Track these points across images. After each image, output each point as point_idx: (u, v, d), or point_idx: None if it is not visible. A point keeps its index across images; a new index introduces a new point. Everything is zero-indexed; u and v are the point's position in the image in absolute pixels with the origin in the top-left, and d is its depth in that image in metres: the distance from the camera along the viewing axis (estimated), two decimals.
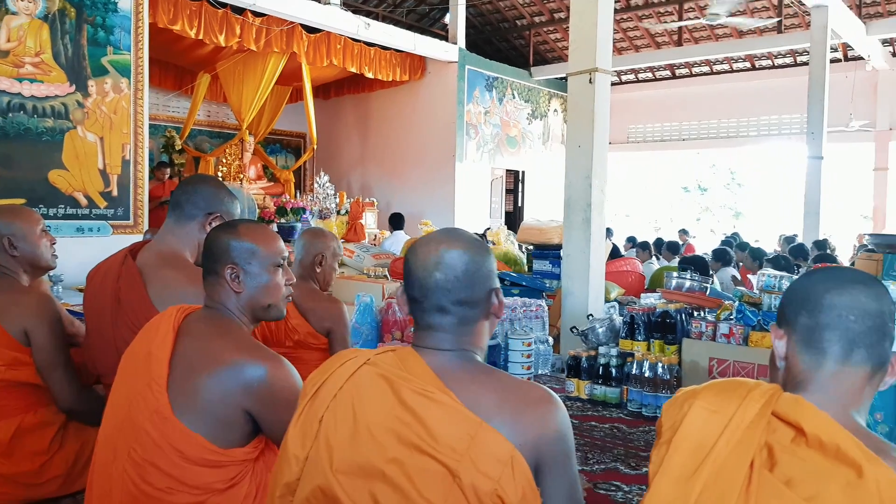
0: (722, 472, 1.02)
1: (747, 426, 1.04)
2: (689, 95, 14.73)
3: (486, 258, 1.35)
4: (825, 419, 1.02)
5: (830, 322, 1.11)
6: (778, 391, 1.09)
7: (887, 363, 1.11)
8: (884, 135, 12.94)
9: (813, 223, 9.38)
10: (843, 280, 1.12)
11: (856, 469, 0.95)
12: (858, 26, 10.74)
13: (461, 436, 1.16)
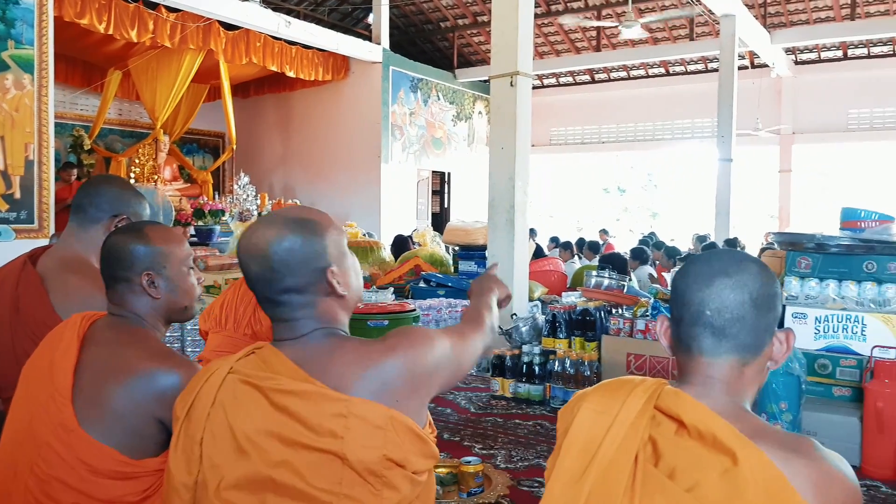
0: (608, 472, 1.03)
1: (631, 423, 1.05)
2: (607, 99, 15.16)
3: (309, 239, 1.28)
4: (702, 410, 1.03)
5: (692, 317, 1.12)
6: (661, 386, 1.10)
7: (761, 348, 1.11)
8: (788, 138, 13.68)
9: (724, 222, 9.81)
10: (707, 274, 1.12)
11: (731, 456, 0.97)
12: (763, 35, 11.32)
13: (335, 419, 1.16)
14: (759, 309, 1.09)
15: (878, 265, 3.70)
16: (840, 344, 3.69)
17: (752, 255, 1.17)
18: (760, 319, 1.09)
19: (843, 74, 13.09)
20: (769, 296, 1.10)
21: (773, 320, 1.11)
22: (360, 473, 1.15)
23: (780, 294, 1.14)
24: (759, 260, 1.14)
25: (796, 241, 3.90)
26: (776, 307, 1.12)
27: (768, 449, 0.98)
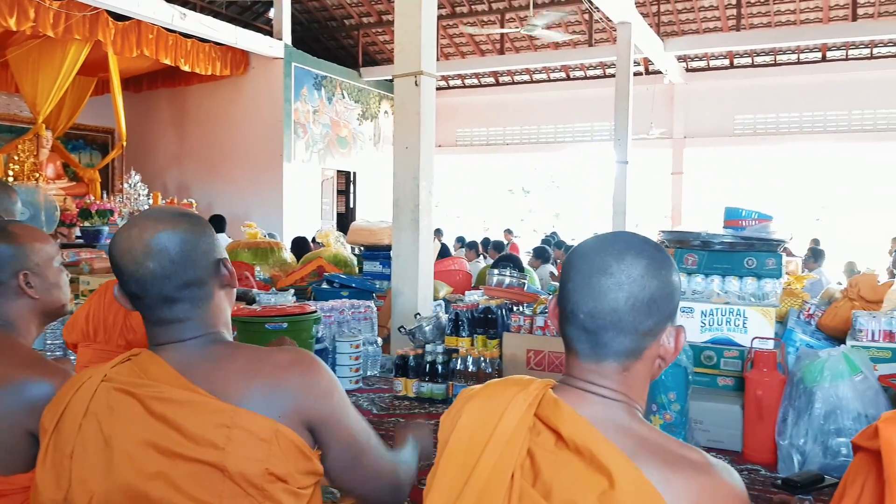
0: (484, 494, 0.97)
1: (509, 437, 0.99)
2: (511, 102, 15.46)
3: (200, 231, 1.26)
4: (580, 423, 0.98)
5: (567, 317, 1.06)
6: (544, 391, 1.03)
7: (642, 351, 1.04)
8: (679, 142, 14.40)
9: (620, 222, 10.20)
10: (585, 271, 1.04)
11: (608, 477, 0.92)
12: (657, 43, 11.85)
13: (218, 430, 1.12)
14: (637, 312, 1.01)
15: (757, 261, 3.94)
16: (724, 336, 3.89)
17: (645, 243, 1.05)
18: (641, 323, 1.01)
19: (730, 82, 13.92)
20: (654, 297, 1.01)
21: (661, 321, 1.04)
22: (240, 486, 1.11)
23: (672, 289, 1.05)
24: (652, 252, 1.04)
25: (683, 239, 4.08)
26: (662, 307, 1.03)
27: (649, 467, 0.93)
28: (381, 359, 4.65)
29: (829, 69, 13.20)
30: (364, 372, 4.41)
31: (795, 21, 11.98)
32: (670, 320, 1.06)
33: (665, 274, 1.04)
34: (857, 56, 13.01)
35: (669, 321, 1.06)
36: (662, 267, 1.04)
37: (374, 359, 4.54)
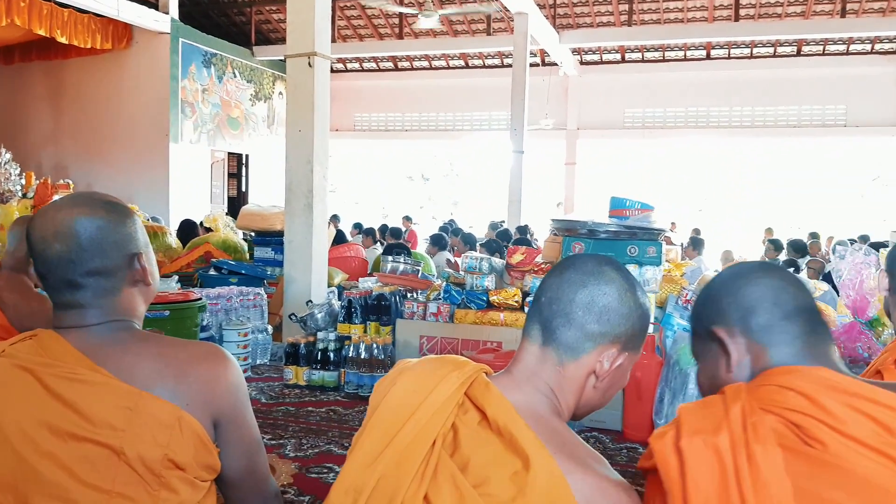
0: (403, 456, 1.01)
1: (437, 408, 1.02)
2: (410, 88, 15.42)
3: (120, 221, 1.22)
4: (506, 406, 1.02)
5: (533, 306, 1.14)
6: (478, 373, 1.08)
7: (580, 353, 1.09)
8: (573, 134, 14.86)
9: (516, 210, 10.41)
10: (562, 267, 1.14)
11: (523, 459, 0.97)
12: (553, 35, 12.13)
13: (118, 411, 1.09)
14: (589, 312, 1.08)
15: (639, 249, 4.10)
16: None
17: (626, 272, 1.13)
18: (588, 323, 1.07)
19: (621, 76, 14.47)
20: (605, 307, 1.07)
21: (607, 332, 1.08)
22: (136, 471, 1.08)
23: (629, 311, 1.10)
24: (627, 277, 1.12)
25: (571, 228, 4.20)
26: (613, 321, 1.08)
27: (560, 459, 0.98)
28: (271, 347, 4.53)
29: (713, 67, 13.98)
30: (253, 360, 4.28)
31: (683, 19, 12.57)
32: (618, 342, 1.10)
33: (629, 299, 1.10)
34: (738, 55, 13.85)
35: (618, 343, 1.10)
36: (629, 291, 1.11)
37: (263, 347, 4.42)
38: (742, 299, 1.07)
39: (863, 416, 0.91)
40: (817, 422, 0.92)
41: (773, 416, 0.95)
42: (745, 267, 1.11)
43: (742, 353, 1.07)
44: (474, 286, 4.23)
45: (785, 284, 1.06)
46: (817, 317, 1.05)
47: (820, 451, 0.90)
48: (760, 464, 0.90)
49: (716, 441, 0.94)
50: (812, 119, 13.81)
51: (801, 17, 12.11)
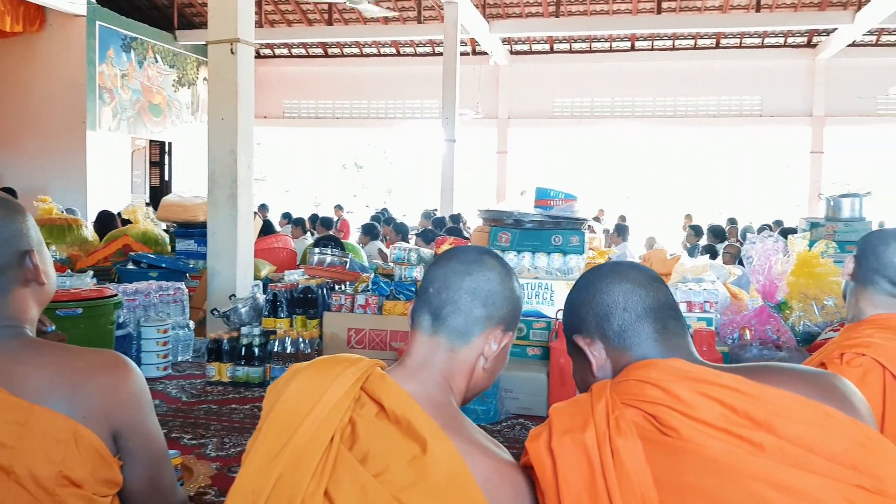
0: (302, 453, 1.01)
1: (334, 404, 1.04)
2: (341, 75, 15.20)
3: (8, 217, 1.17)
4: (402, 395, 1.05)
5: (421, 296, 1.16)
6: (373, 368, 1.10)
7: (470, 337, 1.13)
8: (504, 122, 14.98)
9: (448, 199, 10.44)
10: (445, 258, 1.18)
11: (421, 444, 0.99)
12: (483, 24, 12.17)
13: (8, 427, 1.04)
14: (475, 298, 1.12)
15: (563, 238, 4.19)
16: (534, 309, 4.11)
17: (504, 262, 1.21)
18: (475, 308, 1.12)
19: (550, 66, 14.66)
20: (490, 292, 1.12)
21: (492, 316, 1.13)
22: (28, 489, 1.04)
23: (509, 296, 1.16)
24: (505, 267, 1.18)
25: (497, 218, 4.25)
26: (497, 305, 1.13)
27: (456, 441, 1.01)
28: (193, 343, 4.41)
29: (637, 58, 14.32)
30: (174, 357, 4.16)
31: (608, 11, 12.82)
32: (502, 324, 1.16)
33: (508, 283, 1.17)
34: (661, 47, 14.23)
35: (501, 324, 1.16)
36: (509, 278, 1.18)
37: (185, 343, 4.30)
38: (596, 308, 1.14)
39: (710, 400, 0.97)
40: (671, 410, 0.97)
41: (633, 409, 1.00)
42: (599, 274, 1.17)
43: (601, 358, 1.14)
44: (403, 277, 4.22)
45: (634, 287, 1.12)
46: (668, 312, 1.12)
47: (674, 438, 0.96)
48: (623, 456, 0.96)
49: (583, 438, 0.99)
50: (730, 109, 14.35)
51: (720, 10, 12.54)
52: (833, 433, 0.92)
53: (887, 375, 1.43)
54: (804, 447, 0.91)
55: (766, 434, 0.92)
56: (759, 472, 0.90)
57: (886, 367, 1.44)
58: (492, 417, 3.63)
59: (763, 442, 0.92)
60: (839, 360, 1.52)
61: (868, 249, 1.64)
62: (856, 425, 0.93)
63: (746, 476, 0.91)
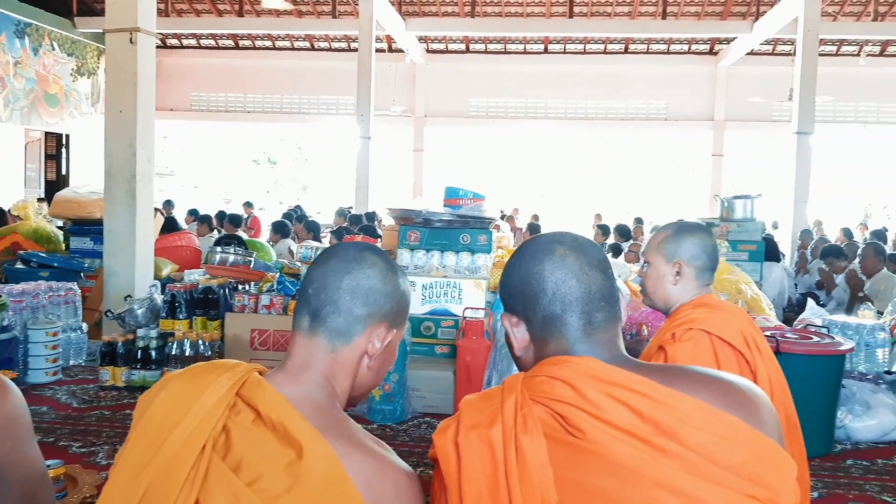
0: (172, 464, 0.97)
1: (207, 412, 1.00)
2: (252, 68, 14.80)
3: None
4: (278, 400, 1.02)
5: (300, 297, 1.13)
6: (250, 373, 1.06)
7: (351, 337, 1.10)
8: (420, 121, 15.00)
9: (363, 197, 10.36)
10: (325, 256, 1.14)
11: (297, 449, 0.97)
12: (399, 22, 12.13)
13: None
14: (355, 296, 1.09)
15: (471, 238, 4.23)
16: (442, 307, 4.14)
17: (385, 256, 1.17)
18: (356, 307, 1.09)
19: (466, 66, 14.79)
20: (370, 289, 1.10)
21: (374, 314, 1.11)
22: None
23: (392, 291, 1.13)
24: (388, 262, 1.15)
25: (407, 217, 4.24)
26: (379, 302, 1.11)
27: (336, 444, 0.98)
28: (87, 346, 4.20)
29: (550, 60, 14.65)
30: (65, 362, 3.95)
31: (522, 14, 13.05)
32: (386, 321, 1.13)
33: (393, 278, 1.14)
34: (573, 51, 14.60)
35: (385, 321, 1.13)
36: (392, 273, 1.14)
37: (77, 347, 4.09)
38: (525, 291, 1.09)
39: (619, 403, 0.96)
40: (579, 410, 0.96)
41: (541, 407, 0.99)
42: (537, 252, 1.11)
43: (524, 340, 1.11)
44: None
45: (566, 276, 1.07)
46: (597, 304, 1.08)
47: (580, 438, 0.95)
48: (526, 454, 0.95)
49: (490, 434, 0.97)
50: (638, 112, 14.90)
51: (628, 17, 12.99)
52: (734, 444, 0.93)
53: (714, 339, 1.65)
54: (704, 456, 0.92)
55: (669, 440, 0.93)
56: (660, 477, 0.91)
57: (712, 332, 1.66)
58: (398, 417, 3.63)
59: (666, 448, 0.93)
60: (672, 339, 1.67)
61: (673, 244, 1.82)
62: (757, 437, 0.94)
63: (647, 480, 0.91)
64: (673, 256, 1.80)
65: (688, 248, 1.80)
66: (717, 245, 1.87)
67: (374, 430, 3.56)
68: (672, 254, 1.81)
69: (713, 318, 1.70)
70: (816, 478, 3.09)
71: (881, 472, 3.19)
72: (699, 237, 1.82)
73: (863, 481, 3.07)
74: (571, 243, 1.11)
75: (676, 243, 1.81)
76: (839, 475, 3.14)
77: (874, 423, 3.51)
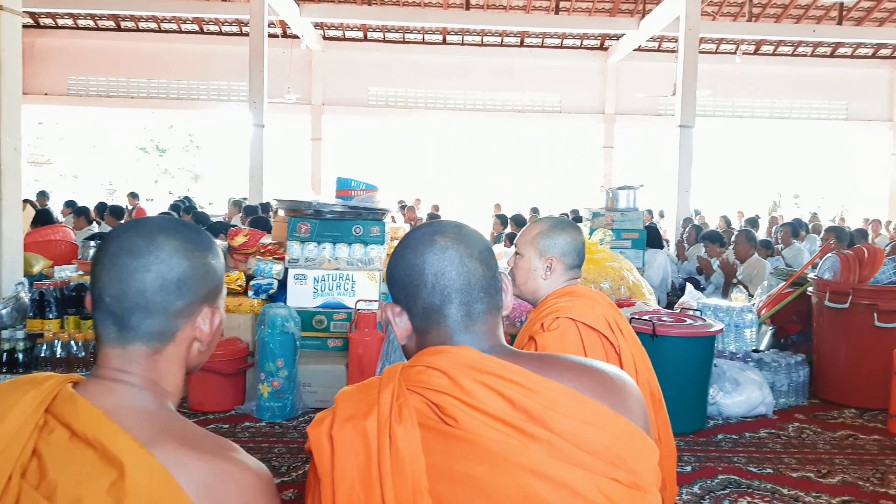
0: None
1: (12, 437, 0.90)
2: (136, 51, 14.01)
3: None
4: (94, 415, 0.93)
5: (98, 306, 1.01)
6: (60, 387, 0.96)
7: (175, 333, 1.02)
8: (318, 109, 14.72)
9: (257, 187, 10.05)
10: (114, 255, 1.00)
11: (118, 468, 0.89)
12: (293, 7, 11.80)
13: None
14: (166, 293, 0.98)
15: (364, 229, 4.19)
16: (335, 300, 4.08)
17: (180, 225, 1.05)
18: (171, 304, 0.99)
19: (364, 54, 14.63)
20: (181, 280, 1.00)
21: (194, 302, 1.02)
22: None
23: (206, 271, 1.03)
24: (186, 234, 1.03)
25: (296, 208, 4.15)
26: (195, 288, 1.01)
27: (166, 451, 0.91)
28: None
29: (449, 51, 14.73)
30: None
31: (420, 3, 13.01)
32: (207, 302, 1.05)
33: (199, 255, 1.03)
34: (471, 42, 14.73)
35: (206, 303, 1.04)
36: (197, 248, 1.03)
37: None
38: (407, 281, 1.08)
39: (492, 392, 0.98)
40: (453, 399, 0.97)
41: (417, 396, 0.98)
42: (419, 244, 1.09)
43: (406, 329, 1.10)
44: None
45: (444, 267, 1.07)
46: (477, 294, 1.08)
47: (453, 427, 0.96)
48: (400, 445, 0.94)
49: (365, 425, 0.96)
50: (534, 104, 15.26)
51: (523, 10, 13.23)
52: (599, 429, 0.96)
53: (580, 326, 1.73)
54: (571, 441, 0.95)
55: (538, 427, 0.95)
56: (528, 463, 0.93)
57: (577, 319, 1.73)
58: (288, 413, 3.56)
59: (535, 434, 0.95)
60: (541, 329, 1.74)
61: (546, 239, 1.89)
62: (622, 423, 0.98)
63: (516, 466, 0.93)
64: (546, 252, 1.86)
65: (560, 245, 1.86)
66: (585, 242, 1.95)
67: (263, 428, 3.48)
68: (545, 249, 1.86)
69: (577, 305, 1.77)
70: (690, 452, 3.28)
71: (748, 444, 3.43)
72: (571, 235, 1.89)
73: (731, 454, 3.29)
74: (453, 234, 1.10)
75: (550, 239, 1.87)
76: (710, 449, 3.35)
77: (742, 398, 3.77)
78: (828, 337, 4.24)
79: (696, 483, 2.94)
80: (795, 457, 3.26)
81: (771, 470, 3.09)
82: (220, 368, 3.65)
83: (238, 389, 3.78)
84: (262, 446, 3.27)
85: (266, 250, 4.23)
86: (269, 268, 4.06)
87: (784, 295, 4.73)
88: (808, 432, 3.61)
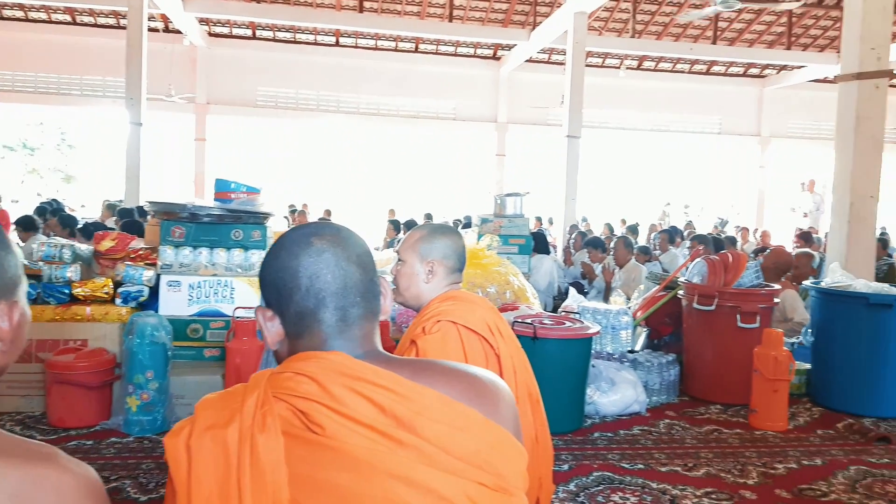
0: None
1: None
2: (2, 40, 12.96)
3: None
4: None
5: None
6: None
7: None
8: (202, 108, 14.13)
9: (134, 189, 9.48)
10: None
11: None
12: (176, 1, 11.26)
13: None
14: None
15: (244, 233, 4.03)
16: (212, 308, 3.90)
17: None
18: None
19: (253, 53, 14.20)
20: None
21: None
22: None
23: None
24: None
25: (170, 211, 3.94)
26: None
27: None
28: None
29: (342, 54, 14.56)
30: None
31: (312, 3, 12.77)
32: (1, 298, 0.94)
33: None
34: (365, 46, 14.63)
35: (2, 298, 0.94)
36: None
37: None
38: (280, 284, 1.04)
39: (362, 398, 0.95)
40: (321, 406, 0.94)
41: (283, 404, 0.95)
42: (293, 247, 1.05)
43: (276, 336, 1.05)
44: (54, 278, 3.70)
45: (320, 270, 1.03)
46: (352, 298, 1.05)
47: (319, 434, 0.93)
48: (261, 453, 0.91)
49: (225, 435, 0.92)
50: (428, 111, 15.36)
51: (418, 16, 13.29)
52: (468, 434, 0.96)
53: (460, 329, 1.76)
54: (439, 447, 0.94)
55: (407, 433, 0.94)
56: (395, 469, 0.92)
57: (458, 322, 1.76)
58: (159, 427, 3.36)
59: (403, 440, 0.93)
60: (423, 332, 1.76)
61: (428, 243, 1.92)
62: (491, 428, 0.98)
63: (381, 473, 0.91)
64: (427, 255, 1.89)
65: (441, 249, 1.90)
66: (465, 247, 1.99)
67: (131, 444, 3.26)
68: (426, 253, 1.89)
69: (458, 309, 1.81)
70: (568, 451, 3.37)
71: (622, 441, 3.56)
72: (451, 238, 1.93)
73: (606, 451, 3.40)
74: (331, 236, 1.07)
75: (431, 243, 1.90)
76: (587, 447, 3.45)
77: (618, 397, 3.91)
78: (696, 337, 4.48)
79: (572, 481, 3.02)
80: (665, 452, 3.41)
81: (642, 465, 3.22)
82: (84, 381, 3.40)
83: (104, 403, 3.53)
84: (129, 462, 3.06)
85: (137, 255, 3.98)
86: (140, 274, 3.83)
87: (657, 298, 4.97)
88: (678, 428, 3.79)
